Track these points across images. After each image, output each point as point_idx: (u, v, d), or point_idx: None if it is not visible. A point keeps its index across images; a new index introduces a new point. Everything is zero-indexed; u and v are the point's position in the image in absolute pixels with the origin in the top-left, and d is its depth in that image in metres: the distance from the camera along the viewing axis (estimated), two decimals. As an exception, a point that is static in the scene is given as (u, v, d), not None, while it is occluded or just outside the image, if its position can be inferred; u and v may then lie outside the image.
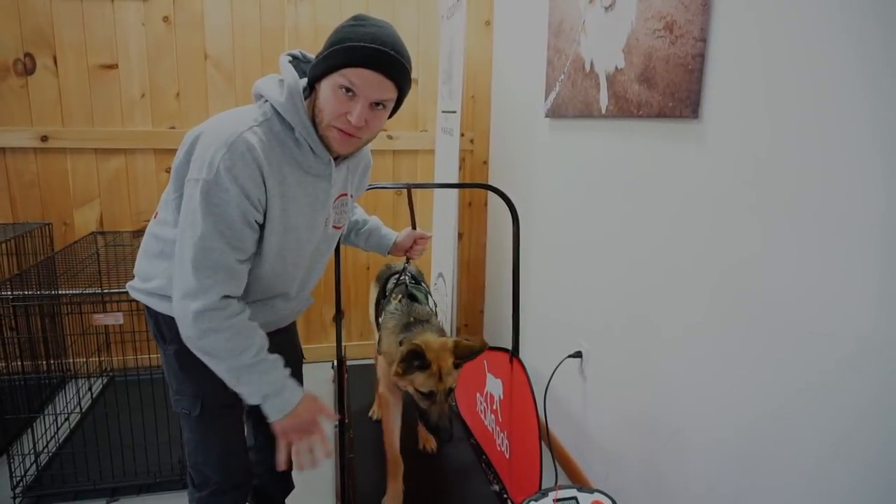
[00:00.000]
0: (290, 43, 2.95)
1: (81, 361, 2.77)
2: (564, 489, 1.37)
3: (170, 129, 2.91)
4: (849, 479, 1.12)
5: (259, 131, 1.19)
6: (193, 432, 1.43)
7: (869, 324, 1.05)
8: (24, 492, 2.08)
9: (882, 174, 1.02)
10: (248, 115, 1.22)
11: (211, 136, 1.18)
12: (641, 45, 1.65)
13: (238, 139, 1.15)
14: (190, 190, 1.18)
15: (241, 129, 1.17)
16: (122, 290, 2.18)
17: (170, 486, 2.16)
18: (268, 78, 1.28)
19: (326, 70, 1.16)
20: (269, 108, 1.23)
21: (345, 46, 1.13)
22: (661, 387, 1.70)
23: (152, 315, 1.36)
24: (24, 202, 2.84)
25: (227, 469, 1.48)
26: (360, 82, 1.14)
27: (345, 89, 1.15)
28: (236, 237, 1.19)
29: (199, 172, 1.16)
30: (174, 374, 1.39)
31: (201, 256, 1.17)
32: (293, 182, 1.24)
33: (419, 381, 1.60)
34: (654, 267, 1.71)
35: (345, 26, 1.17)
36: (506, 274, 3.05)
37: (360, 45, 1.12)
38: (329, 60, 1.15)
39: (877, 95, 1.02)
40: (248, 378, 1.23)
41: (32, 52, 2.72)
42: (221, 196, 1.15)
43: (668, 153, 1.62)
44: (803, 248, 1.18)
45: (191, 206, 1.17)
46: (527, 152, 2.69)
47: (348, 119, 1.17)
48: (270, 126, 1.21)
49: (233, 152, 1.14)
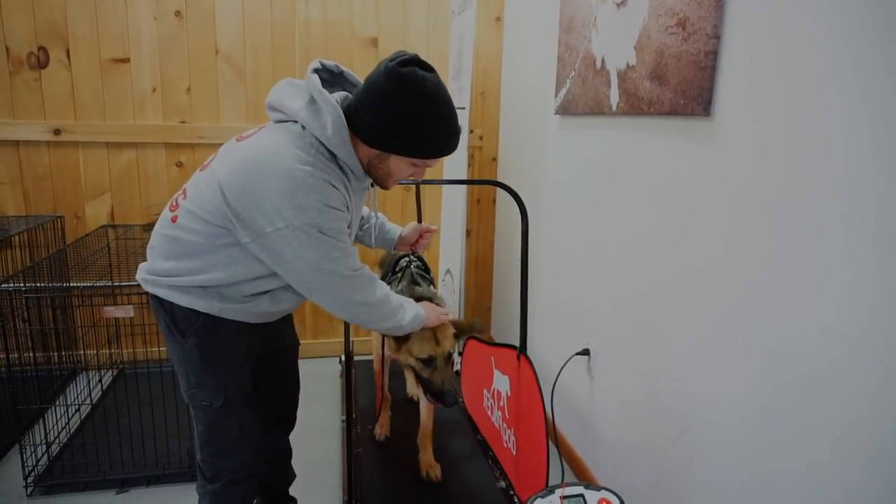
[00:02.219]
0: (300, 38, 2.96)
1: (92, 353, 2.80)
2: (571, 486, 1.38)
3: (181, 123, 2.92)
4: (856, 478, 1.11)
5: (315, 163, 1.22)
6: (211, 424, 1.43)
7: (882, 323, 1.05)
8: (36, 481, 2.10)
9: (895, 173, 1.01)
10: (293, 147, 1.22)
11: (274, 180, 1.17)
12: (653, 42, 1.64)
13: (308, 176, 1.19)
14: (285, 236, 1.19)
15: (304, 167, 1.19)
16: (132, 283, 2.20)
17: (178, 477, 2.18)
18: (290, 95, 1.27)
19: (407, 154, 1.27)
20: (311, 137, 1.24)
21: (431, 144, 1.26)
22: (668, 385, 1.69)
23: (167, 309, 1.35)
24: (36, 195, 2.87)
25: (242, 459, 1.49)
26: (436, 162, 1.34)
27: (418, 164, 1.31)
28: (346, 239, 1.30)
29: (288, 218, 1.17)
30: (193, 368, 1.39)
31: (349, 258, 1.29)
32: (350, 194, 1.32)
33: (416, 348, 1.61)
34: (664, 265, 1.70)
35: (422, 112, 1.22)
36: (513, 271, 3.05)
37: (444, 142, 1.28)
38: (413, 150, 1.26)
39: (892, 93, 1.01)
40: (406, 311, 1.45)
41: (46, 46, 2.74)
42: (331, 226, 1.23)
43: (679, 151, 1.61)
44: (815, 246, 1.18)
45: (294, 246, 1.20)
46: (536, 149, 2.68)
47: (412, 177, 1.37)
48: (321, 153, 1.24)
49: (317, 190, 1.19)
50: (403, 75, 1.18)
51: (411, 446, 2.05)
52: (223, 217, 1.23)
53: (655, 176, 1.73)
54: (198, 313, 1.33)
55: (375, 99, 1.21)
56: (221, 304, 1.33)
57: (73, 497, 2.09)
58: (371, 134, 1.24)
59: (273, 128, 1.28)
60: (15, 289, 2.15)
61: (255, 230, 1.20)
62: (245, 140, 1.28)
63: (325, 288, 1.28)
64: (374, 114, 1.22)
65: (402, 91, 1.19)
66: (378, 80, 1.21)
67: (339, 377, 3.06)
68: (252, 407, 1.51)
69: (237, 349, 1.43)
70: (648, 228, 1.77)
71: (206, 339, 1.36)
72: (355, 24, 3.01)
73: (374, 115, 1.22)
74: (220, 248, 1.28)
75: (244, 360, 1.46)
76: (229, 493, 1.50)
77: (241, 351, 1.45)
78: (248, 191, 1.18)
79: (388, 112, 1.21)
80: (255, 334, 1.44)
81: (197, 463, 1.52)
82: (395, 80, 1.19)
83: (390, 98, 1.20)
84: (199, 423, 1.45)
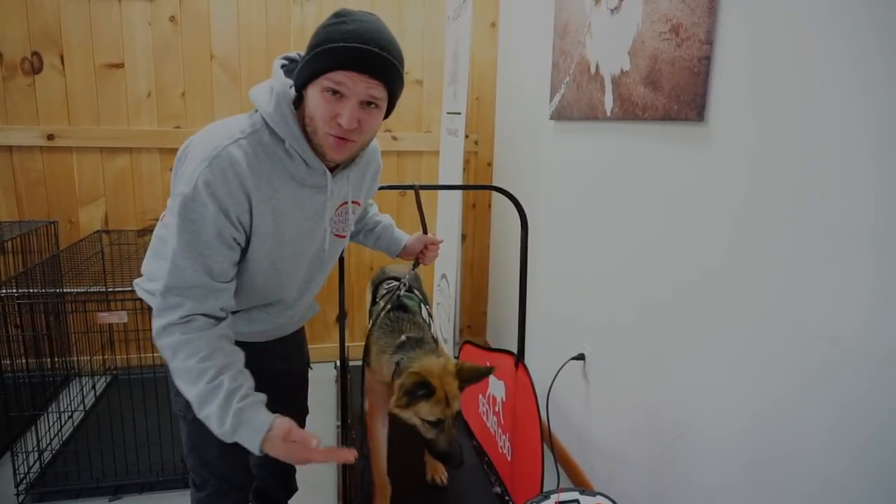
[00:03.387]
0: (295, 43, 2.96)
1: (85, 359, 2.78)
2: (566, 492, 1.37)
3: (175, 128, 2.92)
4: (853, 484, 1.11)
5: (245, 144, 1.13)
6: (190, 435, 1.41)
7: (874, 328, 1.05)
8: (28, 489, 2.08)
9: (890, 178, 1.02)
10: (236, 126, 1.16)
11: (198, 148, 1.14)
12: (647, 48, 1.64)
13: (221, 153, 1.10)
14: (171, 203, 1.14)
15: (225, 143, 1.11)
16: (126, 288, 2.20)
17: (172, 484, 2.16)
18: (262, 84, 1.21)
19: (311, 75, 1.10)
20: (258, 119, 1.16)
21: (326, 49, 1.07)
22: (664, 390, 1.69)
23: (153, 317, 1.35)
24: (30, 200, 2.85)
25: (224, 471, 1.45)
26: (347, 82, 1.07)
27: (331, 91, 1.08)
28: (211, 256, 1.12)
29: (180, 186, 1.11)
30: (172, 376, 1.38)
31: (172, 275, 1.12)
32: (286, 196, 1.19)
33: (425, 411, 1.48)
34: (658, 269, 1.70)
35: (326, 25, 1.10)
36: (509, 275, 3.05)
37: (342, 45, 1.05)
38: (312, 65, 1.09)
39: (885, 99, 1.02)
40: (207, 410, 1.10)
41: (40, 51, 2.73)
42: (198, 211, 1.10)
43: (673, 156, 1.62)
44: (808, 251, 1.18)
45: (171, 222, 1.13)
46: (531, 154, 2.69)
47: (339, 122, 1.10)
48: (259, 137, 1.15)
49: (213, 167, 1.09)
50: (336, 12, 1.13)
51: (407, 452, 2.05)
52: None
53: (650, 181, 1.73)
54: None
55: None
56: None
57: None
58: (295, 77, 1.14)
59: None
60: (8, 294, 2.14)
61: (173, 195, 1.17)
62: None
63: (162, 280, 1.12)
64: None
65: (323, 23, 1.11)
66: None
67: (334, 382, 3.05)
68: None
69: None
70: (643, 233, 1.77)
71: None
72: (350, 29, 3.01)
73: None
74: None
75: None
76: (216, 503, 1.48)
77: None
78: (180, 157, 1.17)
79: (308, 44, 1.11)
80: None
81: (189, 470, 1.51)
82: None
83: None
84: (181, 431, 1.43)
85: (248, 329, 1.35)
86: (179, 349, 1.11)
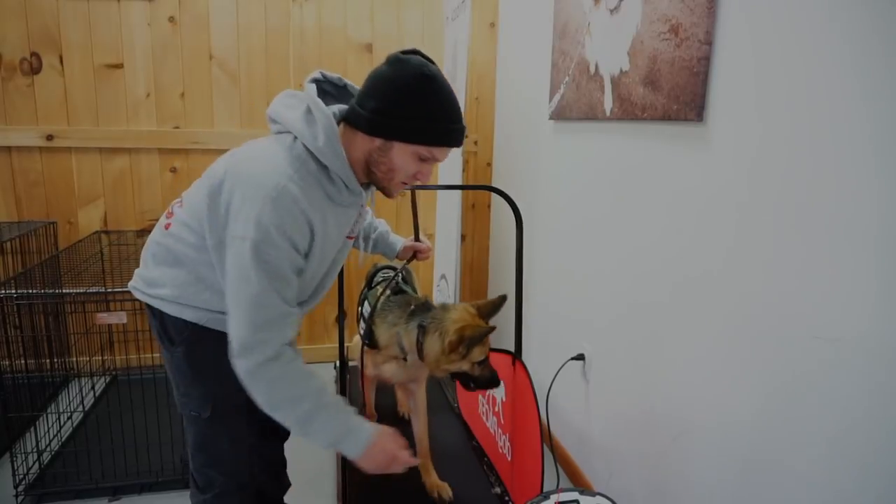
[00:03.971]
0: (294, 44, 2.96)
1: (84, 360, 2.78)
2: (566, 492, 1.37)
3: (174, 128, 2.92)
4: (851, 483, 1.11)
5: (297, 178, 1.17)
6: (200, 434, 1.42)
7: (875, 329, 1.05)
8: (27, 490, 2.08)
9: (891, 178, 1.02)
10: (281, 158, 1.18)
11: (246, 186, 1.15)
12: (646, 48, 1.64)
13: (282, 192, 1.14)
14: (237, 247, 1.15)
15: (281, 181, 1.14)
16: (125, 289, 2.19)
17: (171, 485, 2.16)
18: (287, 105, 1.24)
19: (412, 139, 1.17)
20: (301, 149, 1.19)
21: (440, 128, 1.17)
22: (663, 390, 1.69)
23: (157, 316, 1.35)
24: (28, 201, 2.85)
25: (234, 471, 1.47)
26: (441, 155, 1.22)
27: (425, 158, 1.20)
28: (289, 288, 1.19)
29: (245, 230, 1.13)
30: (182, 376, 1.38)
31: (258, 313, 1.16)
32: (331, 217, 1.26)
33: (476, 354, 1.63)
34: (658, 270, 1.70)
35: (427, 92, 1.15)
36: (508, 276, 3.05)
37: (453, 127, 1.19)
38: (419, 135, 1.17)
39: (886, 100, 1.02)
40: (314, 427, 1.22)
41: (39, 52, 2.73)
42: (273, 253, 1.14)
43: (672, 156, 1.62)
44: (808, 252, 1.18)
45: (240, 264, 1.15)
46: (531, 154, 2.69)
47: (417, 178, 1.24)
48: (307, 168, 1.19)
49: (278, 208, 1.13)
50: (407, 59, 1.16)
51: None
52: (203, 220, 1.23)
53: (650, 181, 1.73)
54: (186, 322, 1.32)
55: (379, 85, 1.17)
56: (209, 315, 1.32)
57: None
58: (374, 119, 1.16)
59: (268, 137, 1.27)
60: (7, 295, 2.14)
61: (217, 233, 1.19)
62: (244, 146, 1.28)
63: (244, 320, 1.17)
64: (377, 99, 1.16)
65: (406, 73, 1.15)
66: (381, 69, 1.19)
67: (333, 383, 3.05)
68: (245, 418, 1.49)
69: (226, 359, 1.41)
70: (642, 233, 1.77)
71: (193, 348, 1.34)
72: (349, 30, 3.01)
73: (377, 100, 1.16)
74: (207, 264, 1.27)
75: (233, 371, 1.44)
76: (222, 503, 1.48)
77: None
78: (224, 192, 1.18)
79: (392, 94, 1.15)
80: None
81: (190, 471, 1.51)
82: (399, 64, 1.16)
83: (395, 81, 1.15)
84: (188, 432, 1.44)
85: None
86: (277, 383, 1.19)
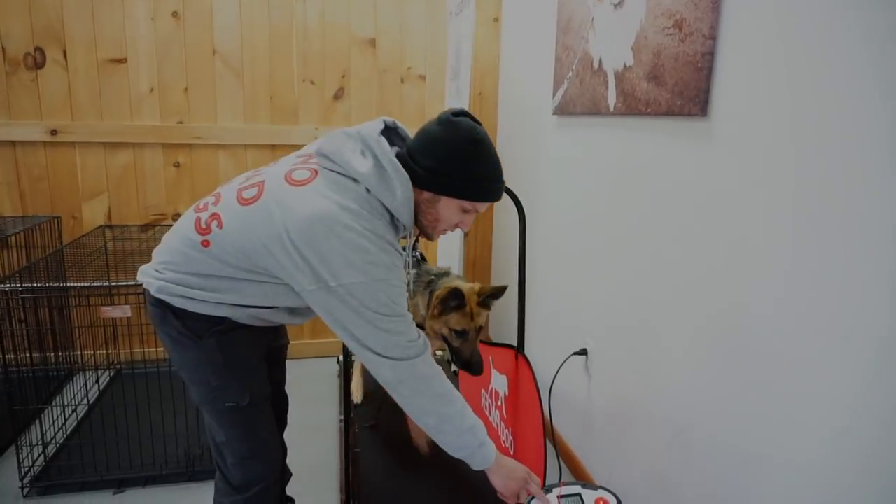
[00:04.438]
0: (298, 39, 2.96)
1: (89, 354, 2.79)
2: (568, 485, 1.38)
3: (178, 123, 2.92)
4: (852, 479, 1.11)
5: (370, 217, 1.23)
6: (239, 425, 1.41)
7: (879, 325, 1.05)
8: (32, 482, 2.10)
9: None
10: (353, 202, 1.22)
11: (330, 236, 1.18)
12: (650, 43, 1.64)
13: (373, 230, 1.21)
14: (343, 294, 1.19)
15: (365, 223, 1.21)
16: (130, 282, 2.21)
17: (176, 478, 2.18)
18: (352, 151, 1.26)
19: (459, 195, 1.29)
20: (376, 202, 1.25)
21: (485, 187, 1.30)
22: (665, 385, 1.70)
23: (178, 316, 1.32)
24: (33, 195, 2.86)
25: (275, 460, 1.50)
26: (482, 208, 1.34)
27: (468, 210, 1.32)
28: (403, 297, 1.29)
29: (351, 276, 1.18)
30: (215, 369, 1.36)
31: (408, 328, 1.27)
32: None
33: (454, 321, 1.74)
34: (661, 265, 1.70)
35: (476, 155, 1.27)
36: (511, 273, 3.05)
37: (496, 185, 1.32)
38: (466, 192, 1.29)
39: (892, 93, 1.02)
40: (470, 420, 1.35)
41: (42, 47, 2.73)
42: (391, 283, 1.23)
43: (675, 151, 1.62)
44: (810, 246, 1.18)
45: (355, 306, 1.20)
46: (534, 150, 2.69)
47: (458, 226, 1.36)
48: (374, 207, 1.25)
49: (379, 247, 1.21)
50: (457, 122, 1.27)
51: (410, 447, 2.06)
52: (269, 264, 1.24)
53: (653, 176, 1.73)
54: (212, 317, 1.32)
55: (432, 143, 1.27)
56: (239, 313, 1.33)
57: (70, 497, 2.09)
58: (427, 177, 1.27)
59: (333, 181, 1.24)
60: (11, 289, 2.15)
61: (318, 281, 1.20)
62: (303, 186, 1.24)
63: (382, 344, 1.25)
64: (430, 157, 1.27)
65: (458, 137, 1.26)
66: (434, 128, 1.28)
67: (337, 377, 3.06)
68: (270, 408, 1.51)
69: (256, 346, 1.43)
70: (646, 228, 1.78)
71: (226, 338, 1.34)
72: (353, 25, 3.01)
73: (430, 158, 1.27)
74: (253, 283, 1.29)
75: (261, 358, 1.47)
76: (262, 502, 1.48)
77: (260, 348, 1.46)
78: (316, 247, 1.18)
79: (444, 156, 1.26)
80: (268, 333, 1.48)
81: (219, 471, 1.47)
82: (450, 126, 1.27)
83: (447, 142, 1.26)
84: (224, 426, 1.41)
85: (288, 320, 1.45)
86: (436, 376, 1.31)
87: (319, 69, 3.03)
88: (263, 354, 1.48)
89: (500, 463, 1.37)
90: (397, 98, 3.11)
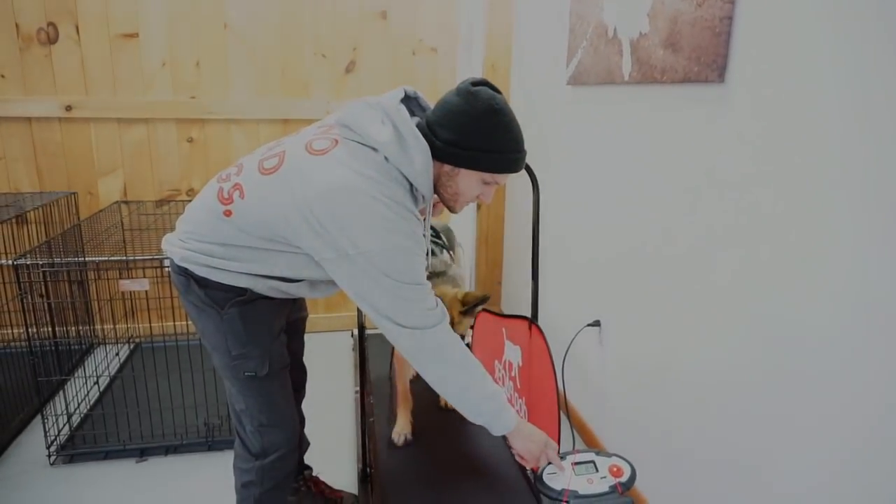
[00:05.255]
0: (309, 12, 2.93)
1: (109, 328, 2.84)
2: (582, 453, 1.39)
3: (191, 98, 2.92)
4: (863, 442, 1.11)
5: (389, 184, 1.22)
6: (258, 394, 1.44)
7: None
8: (59, 450, 2.16)
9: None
10: (374, 171, 1.21)
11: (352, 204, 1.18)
12: (667, 9, 1.61)
13: (392, 197, 1.20)
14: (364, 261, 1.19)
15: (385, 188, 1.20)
16: (147, 256, 2.24)
17: (195, 447, 2.23)
18: (371, 119, 1.25)
19: (479, 168, 1.27)
20: (395, 171, 1.24)
21: (506, 158, 1.27)
22: (679, 357, 1.70)
23: (201, 284, 1.34)
24: (49, 172, 2.89)
25: (292, 427, 1.53)
26: (503, 180, 1.33)
27: (488, 182, 1.31)
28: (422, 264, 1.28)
29: (371, 243, 1.18)
30: (236, 337, 1.38)
31: (427, 296, 1.27)
32: None
33: None
34: (677, 236, 1.69)
35: (496, 125, 1.24)
36: (524, 246, 3.05)
37: (515, 157, 1.28)
38: (486, 164, 1.26)
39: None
40: (491, 385, 1.35)
41: (55, 22, 2.73)
42: (411, 249, 1.23)
43: (692, 118, 1.59)
44: (829, 216, 1.17)
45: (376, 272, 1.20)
46: (547, 120, 2.66)
47: (480, 198, 1.35)
48: (394, 175, 1.24)
49: (398, 213, 1.21)
50: (476, 92, 1.24)
51: (426, 417, 2.09)
52: (288, 234, 1.24)
53: (669, 144, 1.71)
54: (234, 287, 1.34)
55: (451, 115, 1.25)
56: (260, 284, 1.34)
57: (95, 466, 2.15)
58: (446, 149, 1.25)
59: (353, 150, 1.24)
60: (32, 263, 2.19)
61: (338, 249, 1.20)
62: (323, 155, 1.23)
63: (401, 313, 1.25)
64: (449, 130, 1.24)
65: (477, 107, 1.23)
66: (453, 99, 1.26)
67: (351, 350, 3.10)
68: (287, 378, 1.53)
69: (276, 318, 1.45)
70: (661, 198, 1.76)
71: (247, 307, 1.36)
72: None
73: (449, 131, 1.24)
74: (274, 253, 1.29)
75: (281, 329, 1.49)
76: (279, 468, 1.51)
77: (280, 319, 1.47)
78: (335, 215, 1.18)
79: (464, 128, 1.24)
80: (288, 304, 1.50)
81: (238, 438, 1.51)
82: (470, 97, 1.24)
83: (466, 113, 1.23)
84: (244, 394, 1.44)
85: (309, 294, 1.44)
86: (455, 344, 1.31)
87: (331, 42, 3.00)
88: (283, 325, 1.50)
89: (521, 427, 1.38)
90: (409, 70, 3.07)
